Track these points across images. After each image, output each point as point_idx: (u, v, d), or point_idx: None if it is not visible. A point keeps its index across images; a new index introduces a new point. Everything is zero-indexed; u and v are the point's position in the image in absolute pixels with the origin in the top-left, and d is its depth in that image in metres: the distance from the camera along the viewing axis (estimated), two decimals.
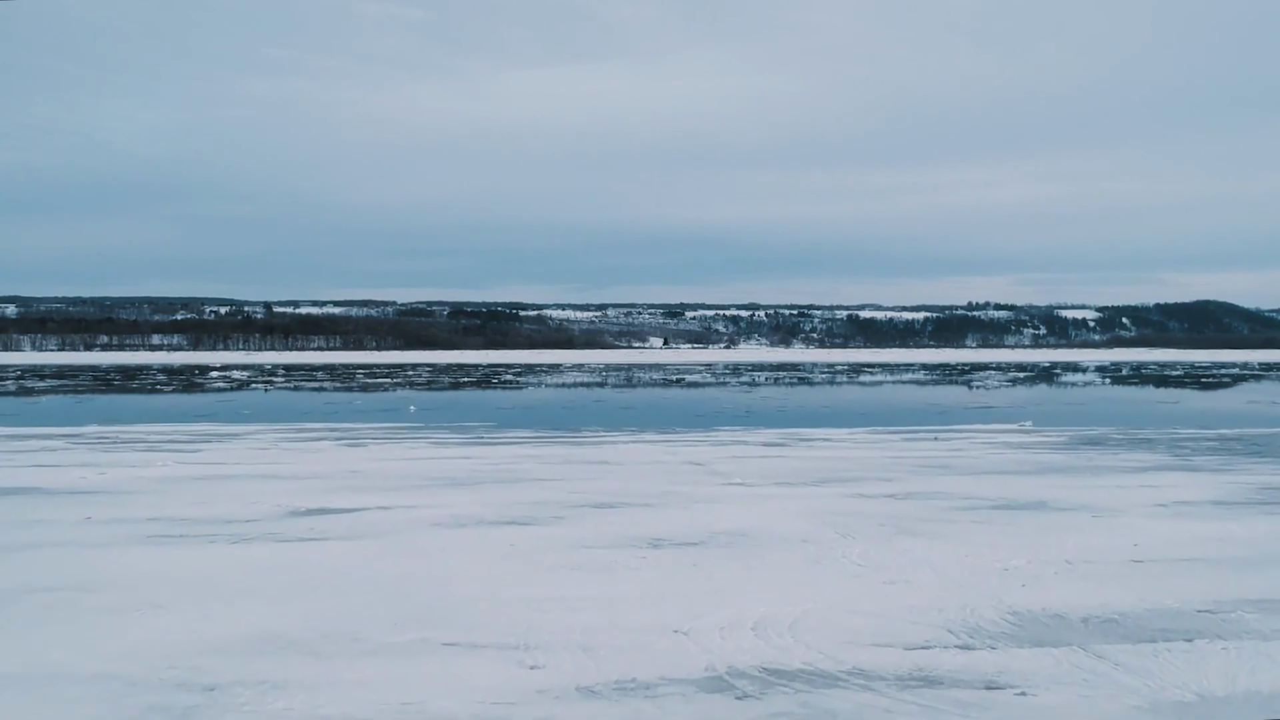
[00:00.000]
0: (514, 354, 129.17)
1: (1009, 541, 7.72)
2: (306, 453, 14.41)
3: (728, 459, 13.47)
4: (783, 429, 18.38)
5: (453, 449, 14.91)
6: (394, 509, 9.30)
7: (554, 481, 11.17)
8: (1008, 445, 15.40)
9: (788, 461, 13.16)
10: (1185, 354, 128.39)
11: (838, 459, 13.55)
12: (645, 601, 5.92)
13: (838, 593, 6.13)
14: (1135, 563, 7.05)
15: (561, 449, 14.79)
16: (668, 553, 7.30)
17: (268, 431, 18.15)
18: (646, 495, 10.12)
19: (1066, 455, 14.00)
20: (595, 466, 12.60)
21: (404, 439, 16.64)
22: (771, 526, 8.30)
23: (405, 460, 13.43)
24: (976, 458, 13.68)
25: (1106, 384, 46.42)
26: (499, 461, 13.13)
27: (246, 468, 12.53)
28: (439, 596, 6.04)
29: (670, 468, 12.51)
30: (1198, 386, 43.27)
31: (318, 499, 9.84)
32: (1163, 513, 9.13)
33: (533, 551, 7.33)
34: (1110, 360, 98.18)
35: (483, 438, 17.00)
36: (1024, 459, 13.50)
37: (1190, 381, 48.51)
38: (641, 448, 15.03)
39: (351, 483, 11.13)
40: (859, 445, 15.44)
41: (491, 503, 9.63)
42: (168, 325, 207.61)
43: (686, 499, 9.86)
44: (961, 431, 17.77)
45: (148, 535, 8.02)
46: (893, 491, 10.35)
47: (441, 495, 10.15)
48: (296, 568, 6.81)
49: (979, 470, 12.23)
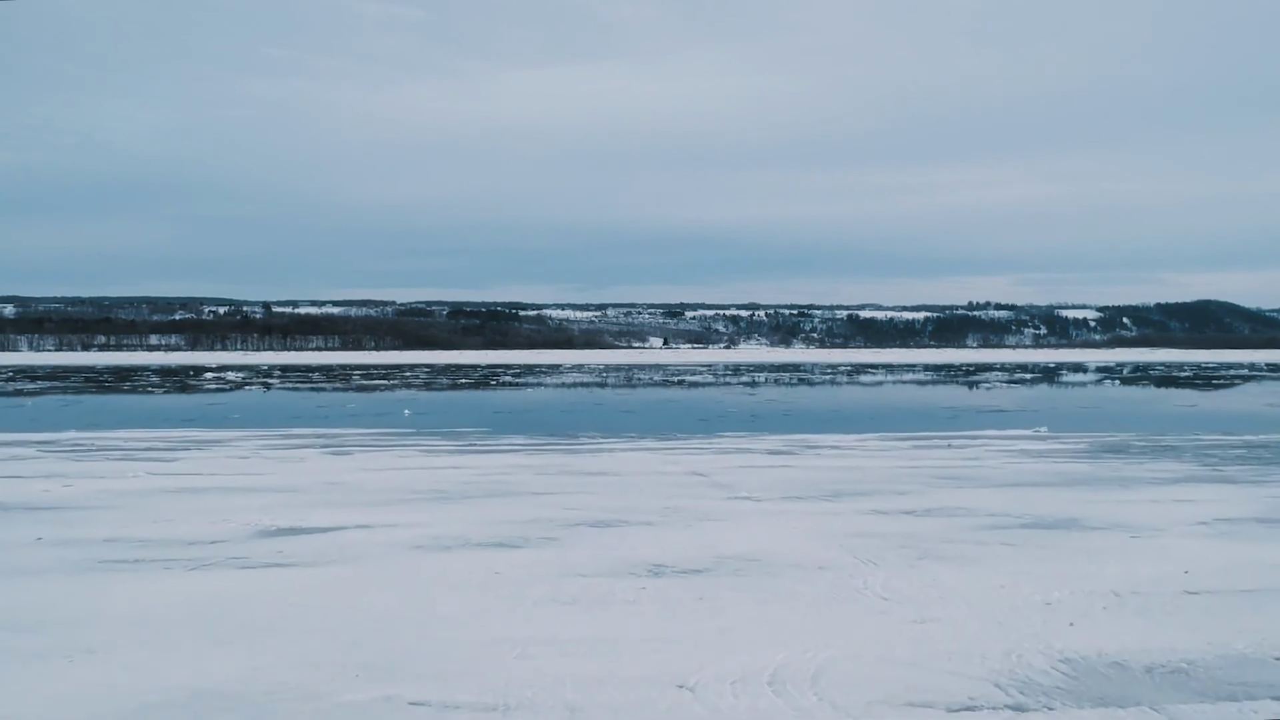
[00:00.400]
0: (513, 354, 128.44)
1: (1046, 568, 7.00)
2: (288, 462, 13.69)
3: (733, 469, 12.75)
4: (788, 435, 17.66)
5: (443, 458, 14.20)
6: (373, 528, 8.59)
7: (548, 495, 10.46)
8: (1025, 454, 14.68)
9: (796, 472, 12.44)
10: (1189, 354, 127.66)
11: (848, 469, 12.84)
12: (645, 646, 5.21)
13: (863, 634, 5.42)
14: (1190, 594, 6.33)
15: (558, 458, 14.08)
16: (670, 582, 6.59)
17: (251, 438, 17.43)
18: (647, 511, 9.41)
19: (1089, 465, 13.28)
20: (592, 478, 11.88)
21: (393, 446, 15.93)
22: (783, 550, 7.58)
23: (392, 471, 12.71)
24: (994, 468, 12.97)
25: (1116, 385, 45.70)
26: (491, 472, 12.41)
27: (222, 479, 11.82)
28: (412, 639, 5.32)
29: (672, 479, 11.79)
30: (1209, 388, 42.54)
31: (292, 516, 9.13)
32: (1206, 533, 8.41)
33: (521, 581, 6.61)
34: (1114, 361, 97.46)
35: (476, 445, 16.29)
36: (1045, 469, 12.78)
37: (1200, 382, 47.80)
38: (641, 456, 14.32)
39: (331, 497, 10.42)
40: (869, 453, 14.72)
41: (480, 520, 8.91)
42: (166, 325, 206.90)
43: (690, 516, 9.14)
44: (975, 438, 17.06)
45: (99, 561, 7.31)
46: (911, 507, 9.63)
47: (427, 511, 9.44)
48: (254, 602, 6.09)
49: (999, 482, 11.51)
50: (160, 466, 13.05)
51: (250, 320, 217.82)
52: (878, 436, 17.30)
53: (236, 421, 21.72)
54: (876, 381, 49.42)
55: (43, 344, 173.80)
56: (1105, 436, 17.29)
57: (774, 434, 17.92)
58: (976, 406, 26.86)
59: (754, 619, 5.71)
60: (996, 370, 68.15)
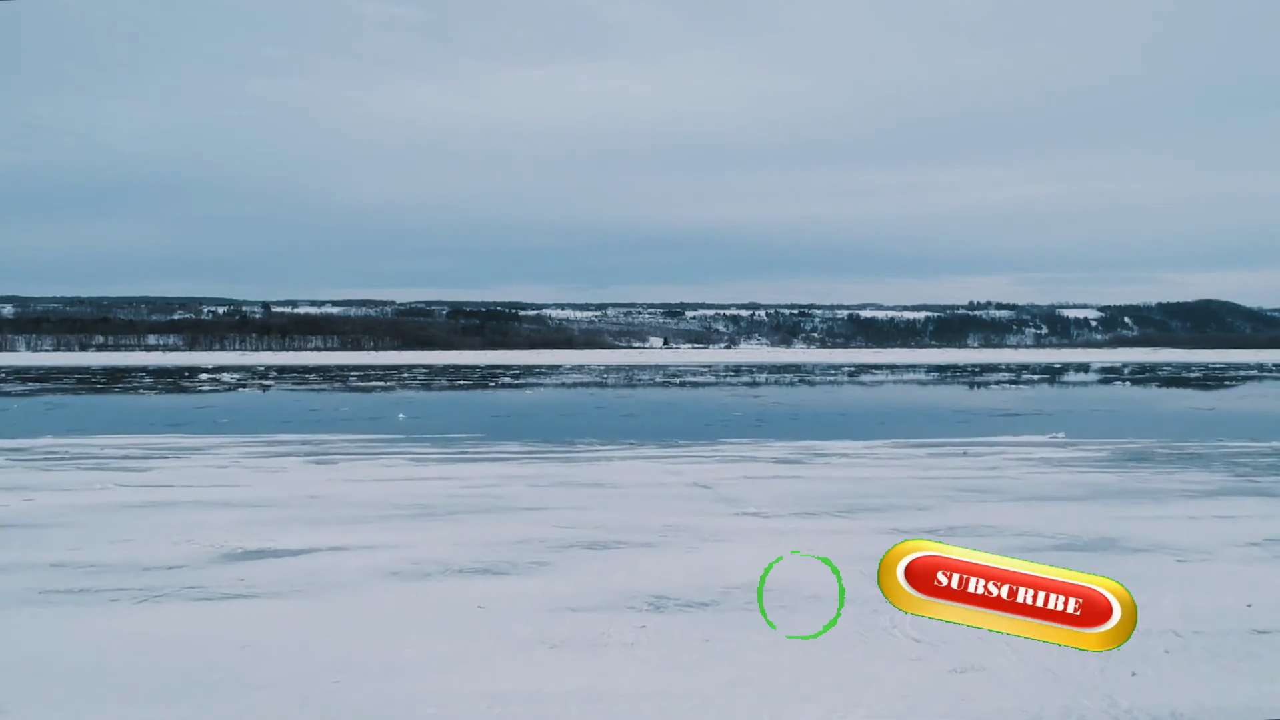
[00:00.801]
0: (512, 354, 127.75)
1: None
2: (267, 472, 12.97)
3: (738, 480, 12.03)
4: (795, 441, 16.93)
5: (432, 467, 13.48)
6: (348, 550, 7.87)
7: (541, 511, 9.74)
8: (1046, 462, 13.96)
9: (805, 483, 11.72)
10: (1193, 354, 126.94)
11: (861, 480, 12.12)
12: (644, 702, 4.49)
13: (896, 687, 4.69)
14: (1260, 634, 5.61)
15: (553, 467, 13.36)
16: (673, 619, 5.87)
17: (233, 444, 16.71)
18: (647, 530, 8.69)
19: (1116, 475, 12.56)
20: (589, 491, 11.16)
21: (380, 454, 15.21)
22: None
23: (376, 482, 11.99)
24: (1016, 479, 12.25)
25: (1126, 386, 44.92)
26: (481, 484, 11.69)
27: (194, 492, 11.10)
28: (376, 694, 4.60)
29: (674, 492, 11.07)
30: (1221, 389, 41.78)
31: (262, 535, 8.41)
32: (1260, 556, 7.69)
33: (505, 616, 5.89)
34: (1119, 361, 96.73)
35: (467, 452, 15.56)
36: (1071, 481, 12.05)
37: (1212, 383, 47.07)
38: (641, 465, 13.60)
39: (307, 512, 9.69)
40: (882, 462, 14.00)
41: (465, 541, 8.19)
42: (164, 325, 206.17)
43: (694, 535, 8.42)
44: (991, 445, 16.33)
45: (41, 591, 6.58)
46: (933, 525, 8.91)
47: (408, 530, 8.72)
48: (202, 645, 5.37)
49: (1023, 495, 10.79)
50: (131, 477, 12.33)
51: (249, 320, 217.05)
52: (889, 443, 16.57)
53: (222, 427, 21.00)
54: (881, 382, 48.68)
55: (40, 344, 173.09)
56: (1126, 443, 16.56)
57: (780, 440, 17.19)
58: (987, 410, 26.12)
59: (768, 667, 4.99)
60: (1002, 371, 67.42)
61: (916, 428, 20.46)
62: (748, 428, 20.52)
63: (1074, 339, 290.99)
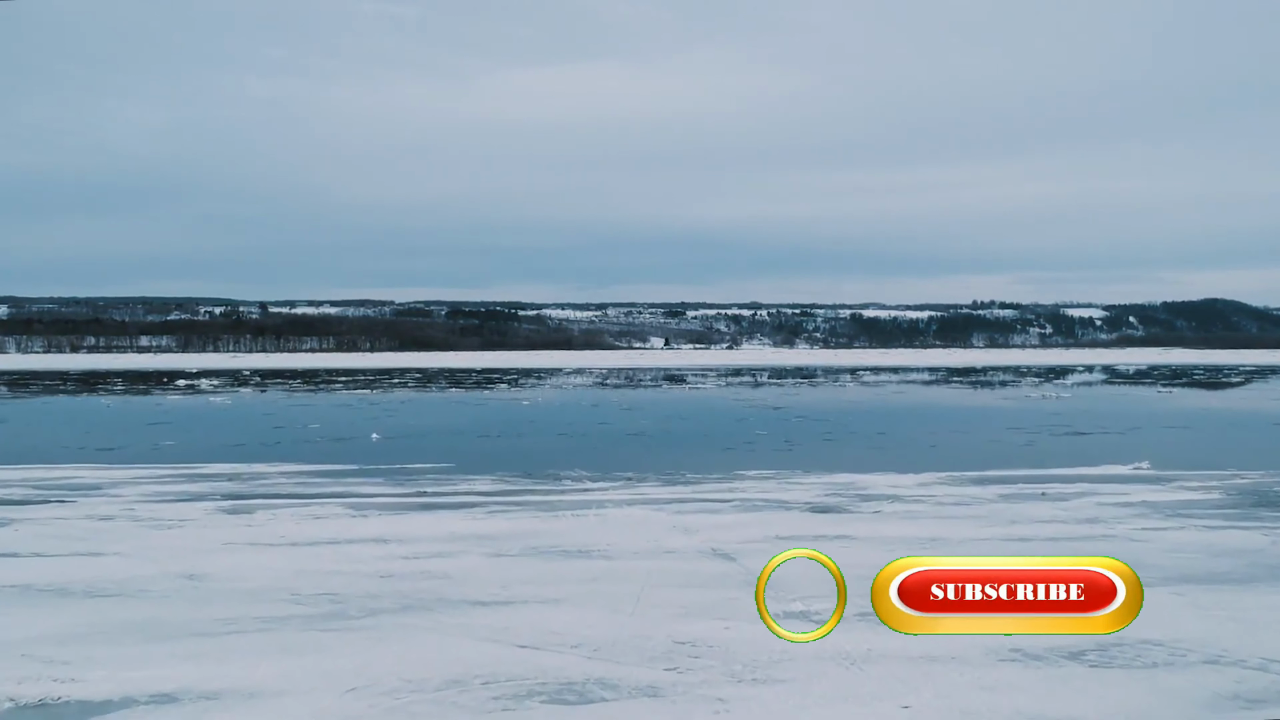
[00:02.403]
0: (511, 355, 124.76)
1: None
2: (158, 528, 10.03)
3: (764, 543, 9.09)
4: (829, 475, 13.95)
5: (372, 520, 10.54)
6: (176, 703, 4.96)
7: (493, 611, 6.80)
8: (1153, 509, 11.00)
9: (856, 549, 8.77)
10: (1207, 355, 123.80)
11: (925, 540, 9.19)
12: None
13: None
14: None
15: (526, 521, 10.41)
16: None
17: (144, 480, 13.77)
18: (646, 655, 5.77)
19: (1251, 530, 9.61)
20: (568, 566, 8.22)
21: (316, 497, 12.26)
22: None
23: (288, 547, 9.06)
24: (1131, 537, 9.30)
25: (1168, 392, 41.46)
26: (426, 552, 8.75)
27: (38, 567, 8.18)
28: None
29: (684, 568, 8.13)
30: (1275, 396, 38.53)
31: (70, 665, 5.49)
32: None
33: None
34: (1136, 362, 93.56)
35: (425, 493, 12.62)
36: (1205, 542, 9.08)
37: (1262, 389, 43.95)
38: (640, 516, 10.66)
39: (163, 611, 6.76)
40: (946, 510, 11.05)
41: (370, 680, 5.28)
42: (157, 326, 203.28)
43: (719, 669, 5.50)
44: (1069, 480, 13.35)
45: None
46: (1056, 642, 5.95)
47: (290, 654, 5.79)
48: None
49: (1157, 569, 7.80)
50: None
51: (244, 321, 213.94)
52: (943, 477, 13.60)
53: (151, 453, 18.04)
54: (900, 388, 45.62)
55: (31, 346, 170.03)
56: (1232, 476, 13.59)
57: (810, 473, 14.23)
58: (1036, 425, 23.04)
59: None
60: (1022, 373, 64.35)
61: (968, 452, 17.48)
62: (769, 454, 17.53)
63: (1079, 339, 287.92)
